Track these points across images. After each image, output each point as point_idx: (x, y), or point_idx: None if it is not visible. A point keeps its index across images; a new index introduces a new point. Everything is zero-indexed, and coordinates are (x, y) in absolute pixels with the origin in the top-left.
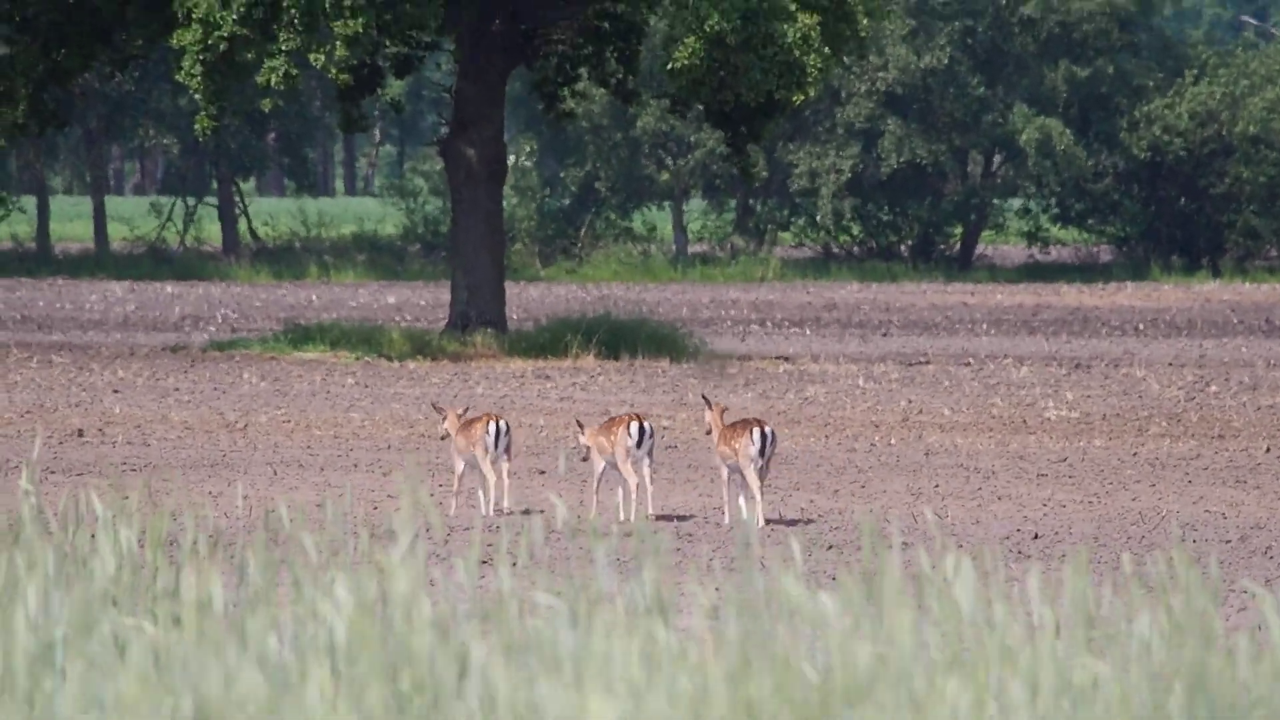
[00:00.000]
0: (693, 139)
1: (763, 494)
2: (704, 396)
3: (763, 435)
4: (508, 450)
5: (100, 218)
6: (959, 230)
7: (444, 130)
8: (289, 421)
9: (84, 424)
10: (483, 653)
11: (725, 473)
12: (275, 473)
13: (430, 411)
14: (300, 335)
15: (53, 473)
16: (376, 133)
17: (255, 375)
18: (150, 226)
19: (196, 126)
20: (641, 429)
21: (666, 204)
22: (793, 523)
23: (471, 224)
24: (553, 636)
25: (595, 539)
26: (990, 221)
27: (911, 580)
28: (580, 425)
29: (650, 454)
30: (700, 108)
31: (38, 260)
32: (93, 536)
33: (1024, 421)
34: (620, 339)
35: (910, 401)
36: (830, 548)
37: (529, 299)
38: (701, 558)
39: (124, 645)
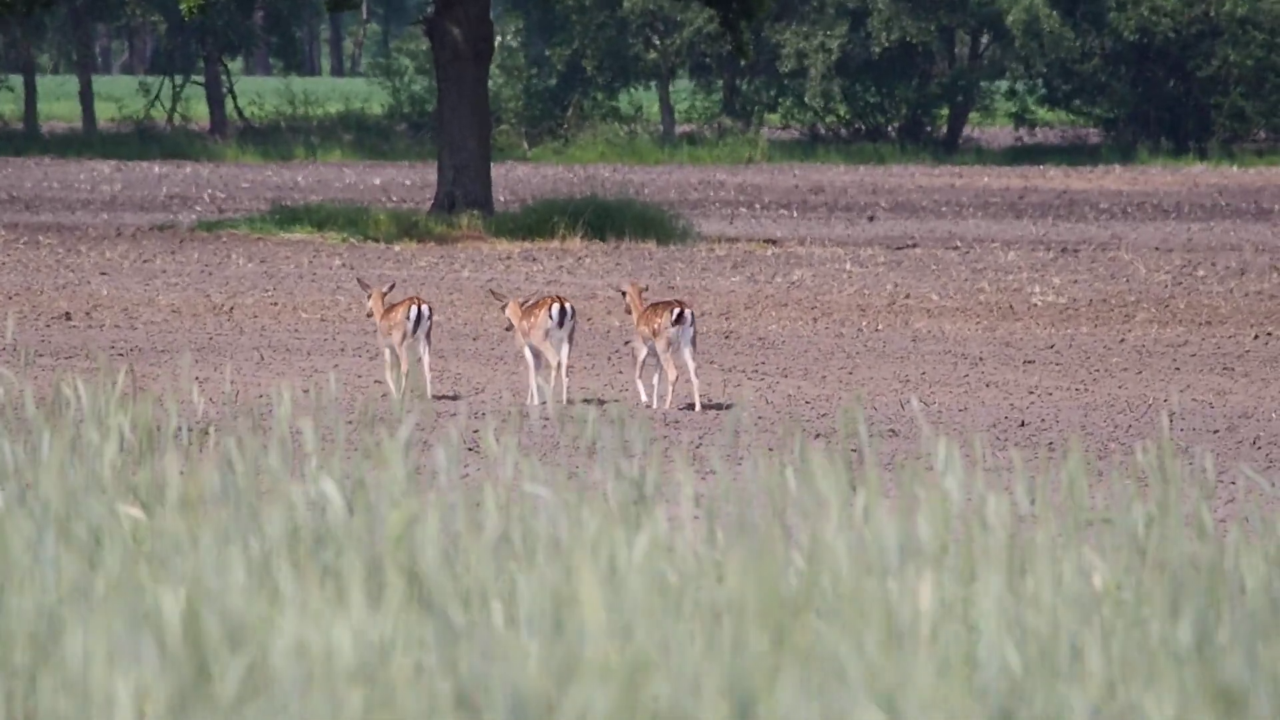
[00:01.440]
0: (680, 18)
1: (697, 374)
2: (627, 280)
3: (681, 314)
4: (427, 335)
5: (87, 97)
6: (946, 112)
7: (430, 8)
8: (276, 304)
9: (71, 307)
10: (469, 542)
11: (642, 353)
12: (262, 357)
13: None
14: (287, 216)
15: (41, 355)
16: (363, 11)
17: (242, 256)
18: (138, 106)
19: (183, 5)
20: (563, 310)
21: (653, 84)
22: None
23: (457, 104)
24: (539, 526)
25: (580, 425)
26: (977, 103)
27: (899, 470)
28: (497, 296)
29: (571, 336)
30: None
31: (25, 140)
32: (80, 423)
33: (1011, 307)
34: (607, 220)
35: (897, 285)
36: (818, 436)
37: (515, 180)
38: (687, 445)
39: (111, 533)
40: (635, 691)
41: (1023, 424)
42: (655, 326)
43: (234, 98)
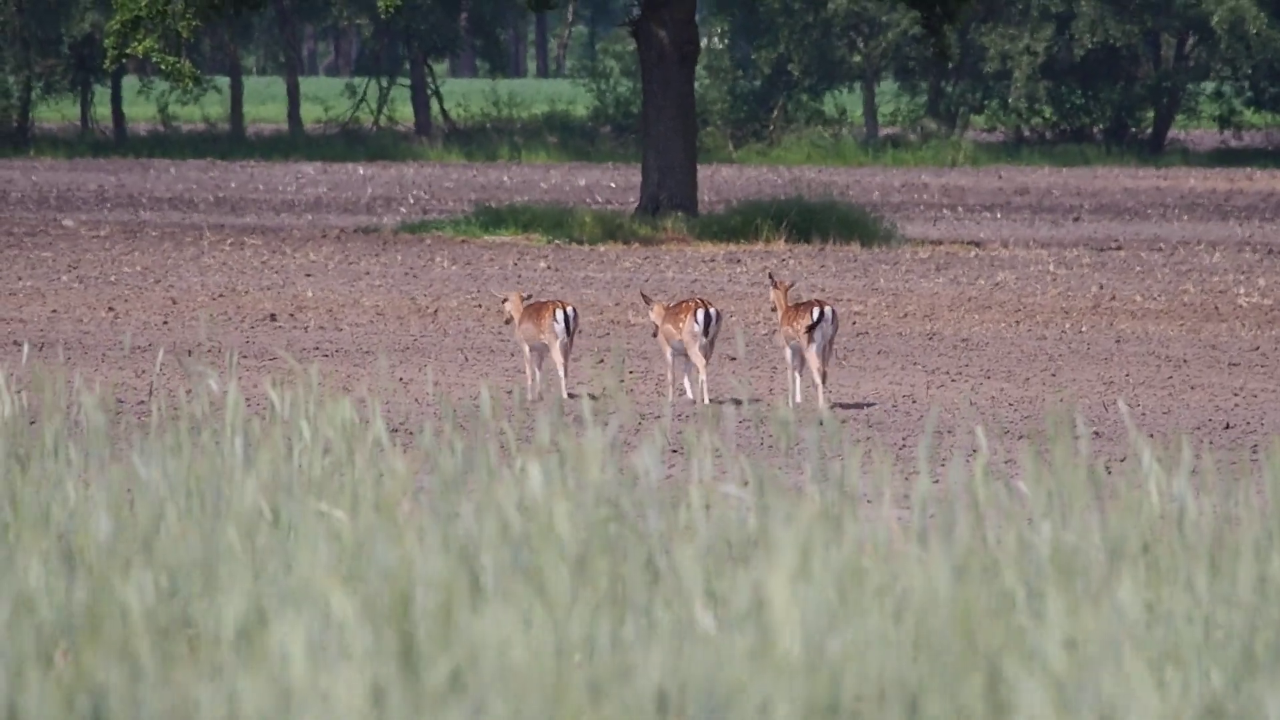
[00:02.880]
0: (885, 19)
1: (825, 376)
2: (770, 275)
3: (821, 314)
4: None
5: (294, 98)
6: (1151, 114)
7: (636, 10)
8: (480, 306)
9: (276, 308)
10: (668, 542)
11: (789, 354)
12: (466, 358)
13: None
14: (491, 218)
15: (245, 357)
16: (568, 13)
17: (446, 258)
18: (344, 107)
19: (380, 3)
20: (707, 315)
21: (858, 86)
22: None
23: (663, 105)
24: (739, 526)
25: (780, 428)
26: (1183, 105)
27: (1104, 471)
28: (646, 300)
29: (714, 341)
30: None
31: (231, 141)
32: (280, 425)
33: (1216, 309)
34: (811, 222)
35: (1101, 287)
36: (1021, 437)
37: (720, 181)
38: (892, 446)
39: (317, 532)
40: (829, 691)
41: (1227, 426)
42: (797, 326)
43: (439, 99)
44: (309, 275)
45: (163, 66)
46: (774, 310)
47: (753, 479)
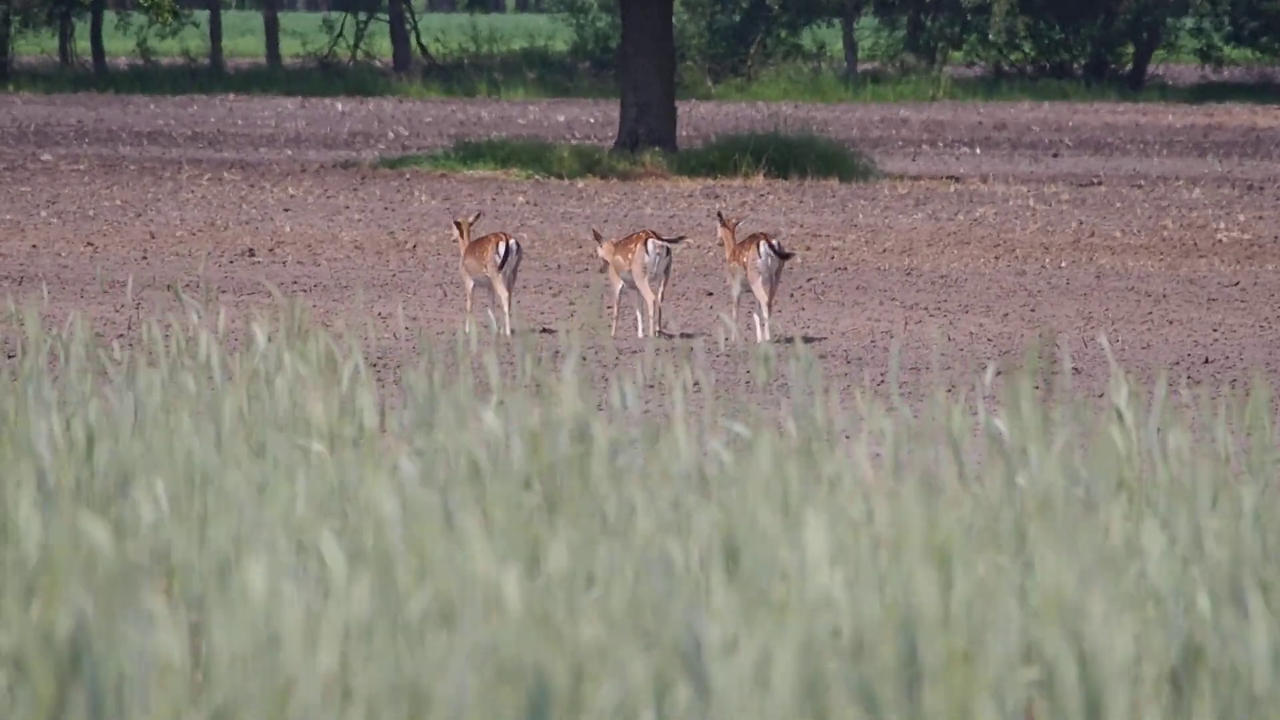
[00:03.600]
0: None
1: (771, 310)
2: (718, 213)
3: (770, 247)
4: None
5: (272, 32)
6: (1131, 49)
7: None
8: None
9: (255, 243)
10: (642, 481)
11: (735, 290)
12: (445, 293)
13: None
14: (470, 152)
15: (224, 291)
16: None
17: (425, 193)
18: (322, 42)
19: None
20: (656, 245)
21: (837, 21)
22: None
23: (641, 41)
24: (715, 462)
25: (759, 363)
26: (1162, 40)
27: (1083, 406)
28: (598, 237)
29: (667, 271)
30: None
31: (210, 76)
32: (260, 359)
33: (1195, 244)
34: (789, 158)
35: (1081, 223)
36: (999, 373)
37: (698, 117)
38: (871, 382)
39: (292, 467)
40: (814, 629)
41: (1206, 361)
42: (743, 260)
43: (417, 34)
44: (287, 210)
45: (141, 1)
46: (721, 246)
47: (734, 414)
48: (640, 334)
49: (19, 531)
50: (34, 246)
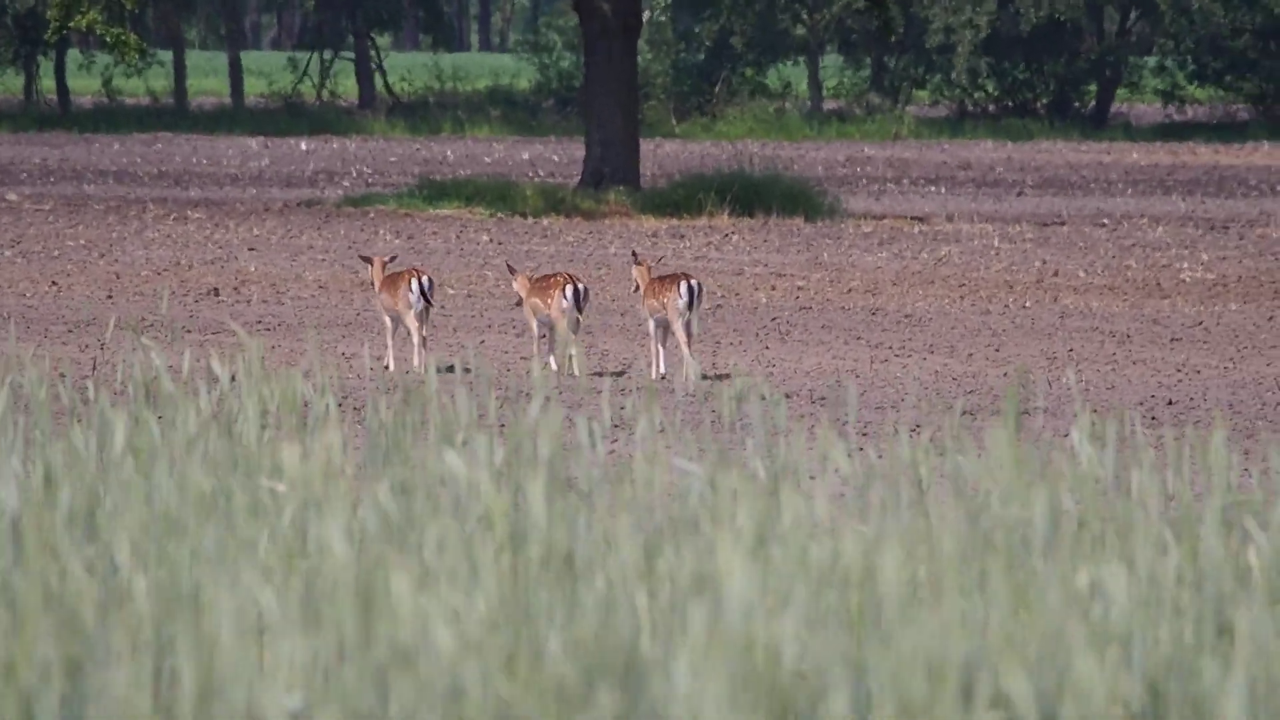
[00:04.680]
0: None
1: (692, 349)
2: (633, 252)
3: (690, 288)
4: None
5: (236, 72)
6: (1094, 88)
7: None
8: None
9: (219, 282)
10: (607, 518)
11: (651, 327)
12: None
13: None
14: (435, 191)
15: (189, 331)
16: None
17: (390, 232)
18: (286, 81)
19: None
20: (576, 291)
21: (802, 60)
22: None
23: (605, 79)
24: (682, 501)
25: (726, 402)
26: (1126, 79)
27: (1046, 446)
28: (511, 270)
29: (582, 315)
30: None
31: (174, 115)
32: (220, 400)
33: (1159, 284)
34: (755, 196)
35: (1045, 262)
36: (965, 412)
37: (663, 155)
38: (835, 421)
39: (258, 508)
40: (768, 667)
41: (1170, 402)
42: (664, 300)
43: (383, 73)
44: (252, 249)
45: (107, 39)
46: (636, 289)
47: (699, 453)
48: (554, 367)
49: None
50: None
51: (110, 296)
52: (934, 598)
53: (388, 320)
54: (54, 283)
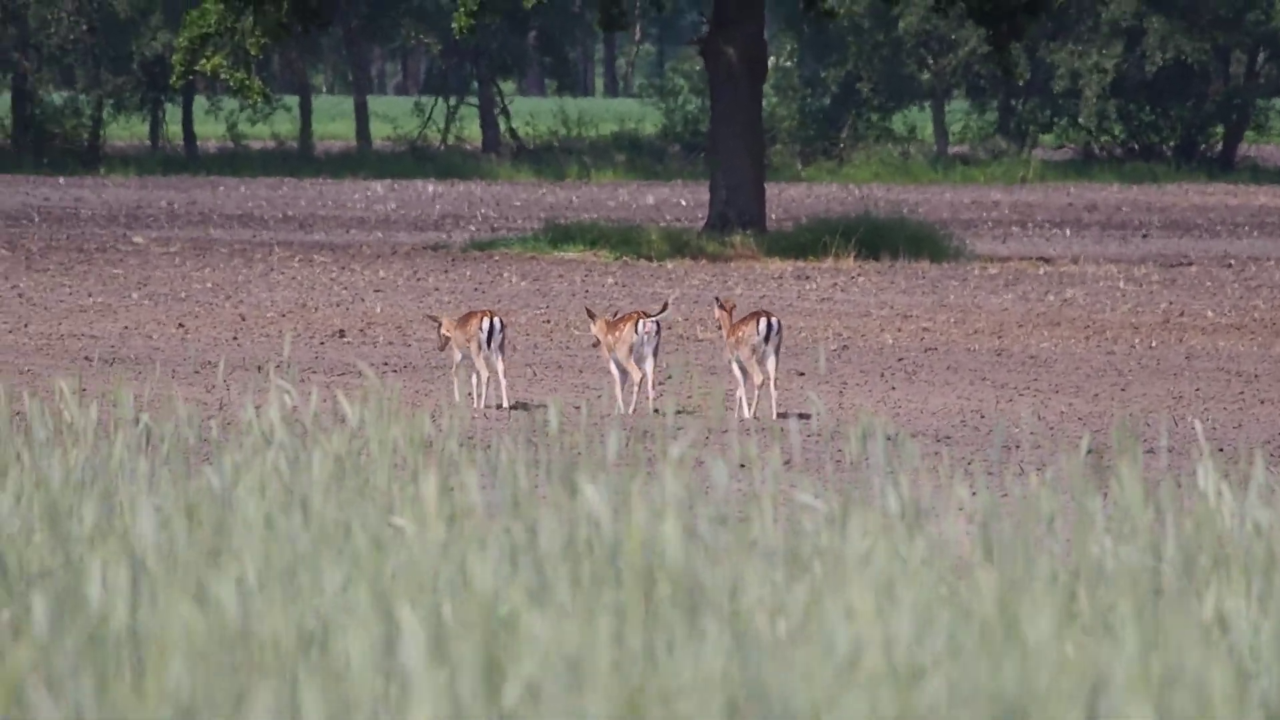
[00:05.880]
0: (955, 37)
1: (775, 384)
2: (716, 298)
3: (768, 325)
4: (501, 347)
5: (362, 117)
6: (1221, 130)
7: (704, 28)
8: (549, 322)
9: (345, 324)
10: (737, 557)
11: (736, 368)
12: (534, 374)
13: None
14: (560, 235)
15: (314, 372)
16: (636, 31)
17: (515, 274)
18: (412, 125)
19: (454, 25)
20: (646, 328)
21: (928, 104)
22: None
23: (731, 123)
24: (810, 538)
25: (856, 442)
26: (1253, 121)
27: (1175, 486)
28: (590, 315)
29: (655, 351)
30: (963, 5)
31: (300, 159)
32: (351, 439)
33: None
34: (880, 239)
35: (1171, 303)
36: (1090, 452)
37: (789, 199)
38: (960, 461)
39: (386, 544)
40: (907, 701)
41: None
42: (740, 336)
43: (508, 118)
44: (378, 291)
45: (231, 83)
46: (719, 329)
47: (827, 492)
48: (621, 408)
49: (114, 611)
50: (125, 328)
51: (235, 338)
52: (1065, 633)
53: (458, 357)
54: (180, 324)
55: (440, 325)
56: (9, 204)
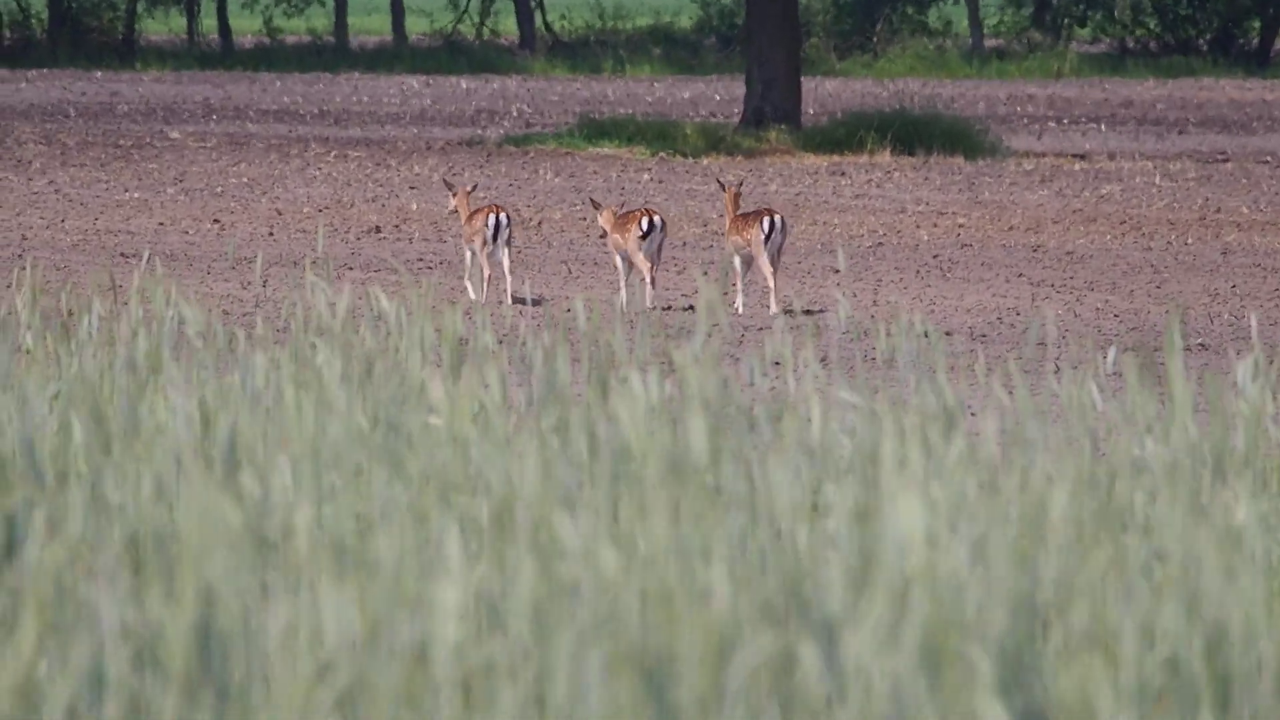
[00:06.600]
0: None
1: (776, 281)
2: (718, 179)
3: (772, 223)
4: (508, 243)
5: (398, 10)
6: (1258, 24)
7: None
8: (584, 218)
9: (380, 220)
10: (770, 453)
11: (737, 262)
12: (570, 271)
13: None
14: (595, 130)
15: (350, 269)
16: None
17: (550, 170)
18: (447, 20)
19: None
20: (652, 223)
21: None
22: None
23: (767, 17)
24: (847, 436)
25: (885, 340)
26: None
27: (1209, 383)
28: (596, 205)
29: (660, 248)
30: None
31: (335, 54)
32: (387, 335)
33: None
34: (915, 135)
35: (1207, 200)
36: (1126, 350)
37: (824, 94)
38: (997, 359)
39: (419, 442)
40: (942, 605)
41: None
42: (746, 235)
43: (543, 12)
44: (413, 188)
45: None
46: (721, 216)
47: (860, 390)
48: (623, 301)
49: (147, 510)
50: (161, 223)
51: (272, 233)
52: (1097, 537)
53: (468, 255)
54: (216, 220)
55: (454, 193)
56: (45, 99)
